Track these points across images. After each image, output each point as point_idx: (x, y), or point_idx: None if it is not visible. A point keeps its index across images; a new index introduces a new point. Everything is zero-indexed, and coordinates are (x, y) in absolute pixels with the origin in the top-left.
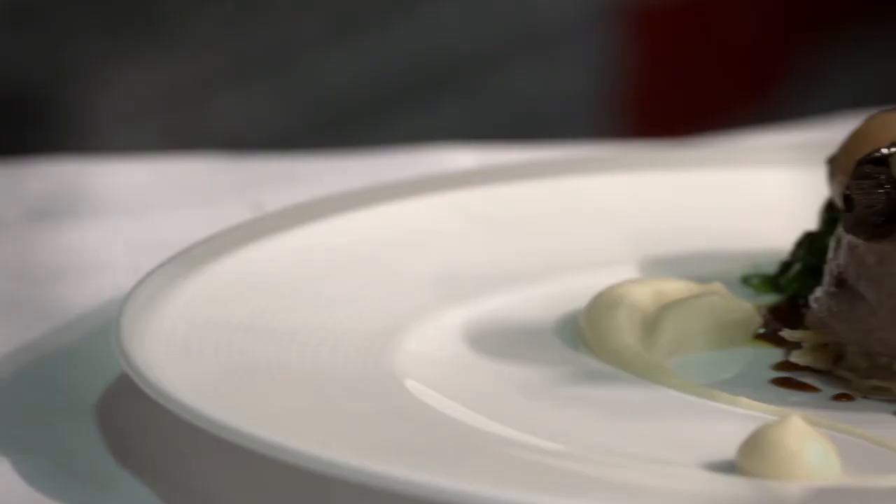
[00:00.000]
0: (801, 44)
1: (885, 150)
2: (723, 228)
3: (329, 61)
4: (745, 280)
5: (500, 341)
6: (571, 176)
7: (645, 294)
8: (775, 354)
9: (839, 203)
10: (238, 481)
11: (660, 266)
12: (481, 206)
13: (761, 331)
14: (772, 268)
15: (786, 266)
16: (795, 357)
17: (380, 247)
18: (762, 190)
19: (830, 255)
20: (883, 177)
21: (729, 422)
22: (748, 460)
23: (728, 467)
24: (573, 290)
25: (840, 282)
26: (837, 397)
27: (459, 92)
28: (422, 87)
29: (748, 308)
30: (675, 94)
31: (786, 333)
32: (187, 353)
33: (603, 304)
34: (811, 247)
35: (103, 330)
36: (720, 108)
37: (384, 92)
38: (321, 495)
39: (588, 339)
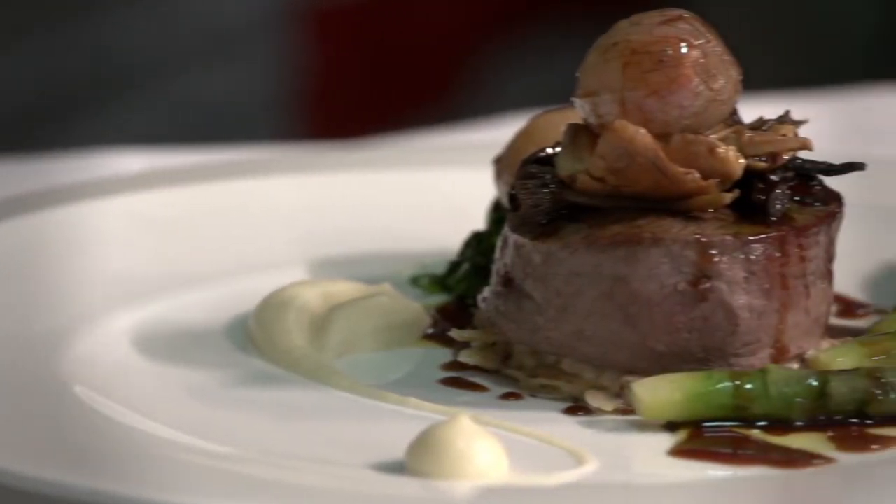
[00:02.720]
0: (477, 45)
1: (549, 150)
2: (391, 229)
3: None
4: (414, 281)
5: (169, 344)
6: (240, 178)
7: (314, 295)
8: (444, 354)
9: (505, 203)
10: None
11: (329, 267)
12: (148, 209)
13: (430, 331)
14: (440, 268)
15: (454, 266)
16: (464, 357)
17: (47, 251)
18: (430, 190)
19: (497, 254)
20: (548, 176)
21: (398, 422)
22: (417, 460)
23: (398, 467)
24: (243, 291)
25: (507, 281)
26: (506, 396)
27: (137, 95)
28: (99, 91)
29: (417, 308)
30: (355, 94)
31: (454, 333)
32: None
33: (272, 306)
34: (479, 247)
35: None
36: (399, 108)
37: (60, 96)
38: None
39: (257, 340)
